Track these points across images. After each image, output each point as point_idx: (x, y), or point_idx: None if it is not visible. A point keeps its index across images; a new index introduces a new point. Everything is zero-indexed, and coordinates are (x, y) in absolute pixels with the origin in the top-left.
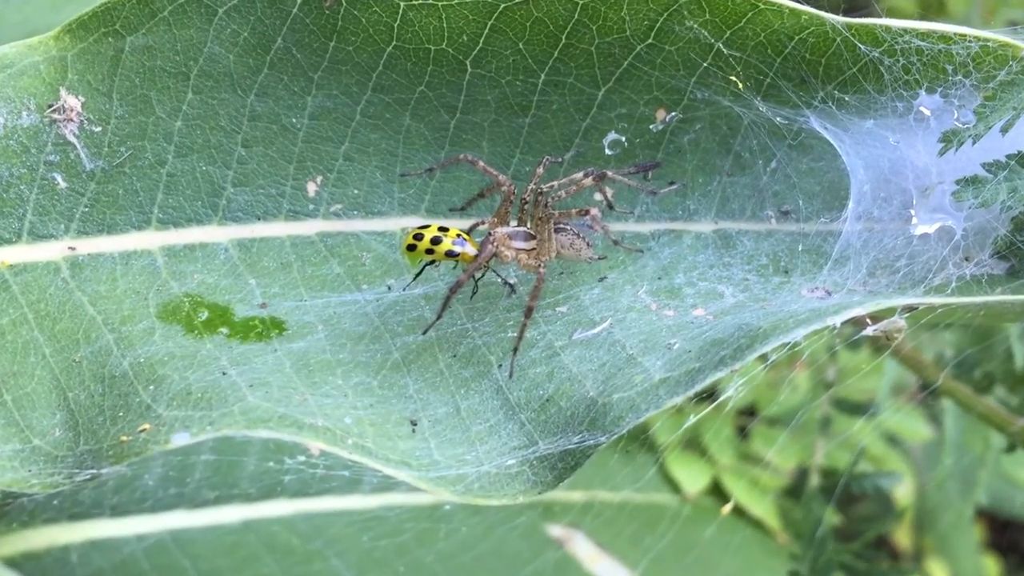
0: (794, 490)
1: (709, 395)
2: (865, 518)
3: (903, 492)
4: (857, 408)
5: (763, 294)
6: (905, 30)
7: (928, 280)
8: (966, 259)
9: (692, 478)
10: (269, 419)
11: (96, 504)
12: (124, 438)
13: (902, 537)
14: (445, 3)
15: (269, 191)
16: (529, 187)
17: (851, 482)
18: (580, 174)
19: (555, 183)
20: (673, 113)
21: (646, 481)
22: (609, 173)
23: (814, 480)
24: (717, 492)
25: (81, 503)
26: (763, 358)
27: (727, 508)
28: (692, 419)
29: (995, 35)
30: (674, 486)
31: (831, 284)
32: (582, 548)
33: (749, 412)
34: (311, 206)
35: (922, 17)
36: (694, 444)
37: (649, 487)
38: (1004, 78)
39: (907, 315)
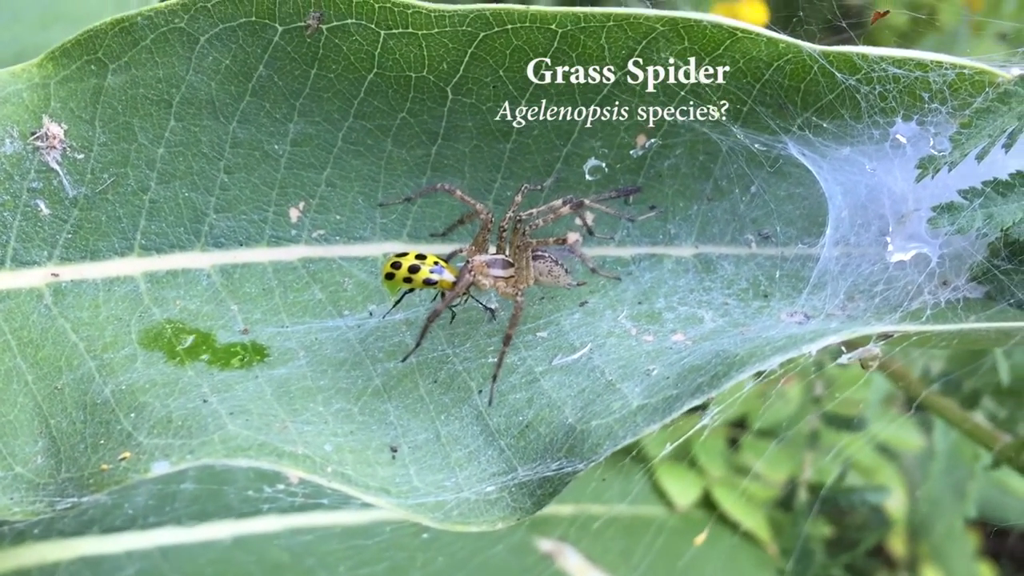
0: (785, 501)
1: (702, 406)
2: (858, 527)
3: (896, 503)
4: (846, 422)
5: (743, 319)
6: (882, 58)
7: (905, 305)
8: (944, 284)
9: (682, 490)
10: (249, 447)
11: (86, 523)
12: (105, 466)
13: (897, 544)
14: (425, 32)
15: (251, 217)
16: (507, 215)
17: (840, 497)
18: (559, 202)
19: (533, 211)
20: (653, 139)
21: (636, 494)
22: (587, 201)
23: (802, 496)
24: (708, 504)
25: (66, 528)
26: (754, 376)
27: (699, 539)
28: (678, 440)
29: (971, 62)
30: (664, 498)
31: (810, 308)
32: (572, 562)
33: (739, 424)
34: (293, 232)
35: (912, 29)
36: (684, 456)
37: (639, 499)
38: (980, 105)
39: (883, 343)
